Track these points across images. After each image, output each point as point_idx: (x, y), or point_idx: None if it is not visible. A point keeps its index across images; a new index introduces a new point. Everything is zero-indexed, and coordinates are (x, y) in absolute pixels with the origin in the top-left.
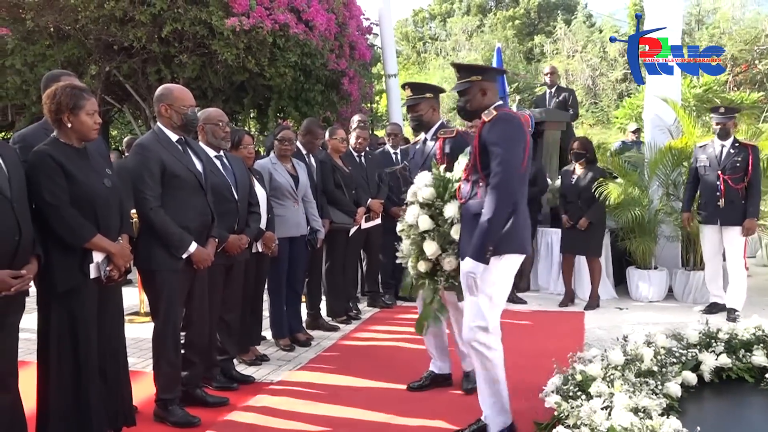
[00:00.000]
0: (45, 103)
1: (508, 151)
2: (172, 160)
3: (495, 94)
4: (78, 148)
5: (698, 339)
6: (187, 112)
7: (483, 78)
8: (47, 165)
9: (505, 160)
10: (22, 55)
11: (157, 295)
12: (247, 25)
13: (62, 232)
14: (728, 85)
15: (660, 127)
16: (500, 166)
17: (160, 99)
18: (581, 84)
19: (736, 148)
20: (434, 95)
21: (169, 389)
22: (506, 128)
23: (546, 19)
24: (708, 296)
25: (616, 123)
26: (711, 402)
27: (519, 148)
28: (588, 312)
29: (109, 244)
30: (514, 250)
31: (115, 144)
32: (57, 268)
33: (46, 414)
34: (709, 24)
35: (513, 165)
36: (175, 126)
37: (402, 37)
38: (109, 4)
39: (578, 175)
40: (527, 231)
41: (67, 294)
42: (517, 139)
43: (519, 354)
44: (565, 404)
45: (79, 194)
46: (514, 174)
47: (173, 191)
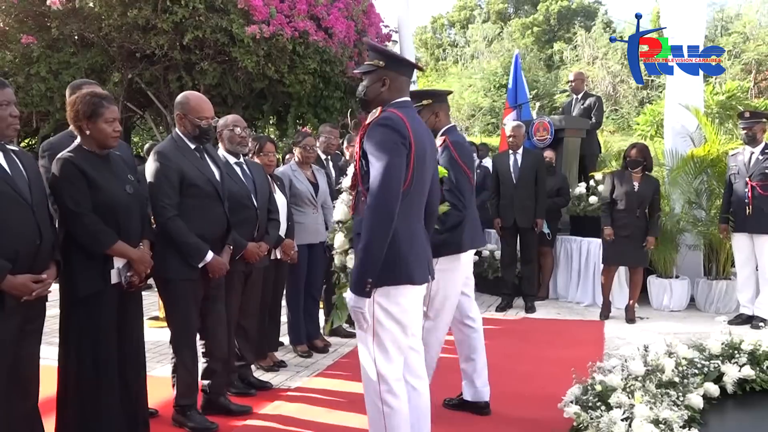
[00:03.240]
0: (67, 110)
1: (382, 162)
2: (191, 168)
3: (398, 90)
4: (100, 155)
5: (721, 350)
6: (201, 124)
7: (386, 66)
8: (70, 172)
9: (378, 175)
10: (46, 62)
11: (172, 303)
12: (267, 33)
13: (84, 239)
14: (752, 92)
15: (681, 135)
16: (374, 182)
17: (177, 107)
18: (602, 91)
19: (766, 155)
20: (434, 100)
21: (187, 395)
22: (383, 134)
23: (566, 26)
24: (731, 305)
25: (637, 130)
26: (733, 414)
27: (397, 158)
28: (608, 321)
29: (129, 250)
30: (398, 281)
31: (136, 150)
32: (78, 273)
33: (66, 419)
34: (733, 30)
35: (388, 181)
36: (189, 136)
37: (421, 44)
38: (132, 13)
39: (638, 184)
40: (423, 255)
41: (88, 300)
42: (394, 149)
43: (538, 363)
44: (585, 415)
45: (101, 201)
46: (391, 192)
47: (190, 200)
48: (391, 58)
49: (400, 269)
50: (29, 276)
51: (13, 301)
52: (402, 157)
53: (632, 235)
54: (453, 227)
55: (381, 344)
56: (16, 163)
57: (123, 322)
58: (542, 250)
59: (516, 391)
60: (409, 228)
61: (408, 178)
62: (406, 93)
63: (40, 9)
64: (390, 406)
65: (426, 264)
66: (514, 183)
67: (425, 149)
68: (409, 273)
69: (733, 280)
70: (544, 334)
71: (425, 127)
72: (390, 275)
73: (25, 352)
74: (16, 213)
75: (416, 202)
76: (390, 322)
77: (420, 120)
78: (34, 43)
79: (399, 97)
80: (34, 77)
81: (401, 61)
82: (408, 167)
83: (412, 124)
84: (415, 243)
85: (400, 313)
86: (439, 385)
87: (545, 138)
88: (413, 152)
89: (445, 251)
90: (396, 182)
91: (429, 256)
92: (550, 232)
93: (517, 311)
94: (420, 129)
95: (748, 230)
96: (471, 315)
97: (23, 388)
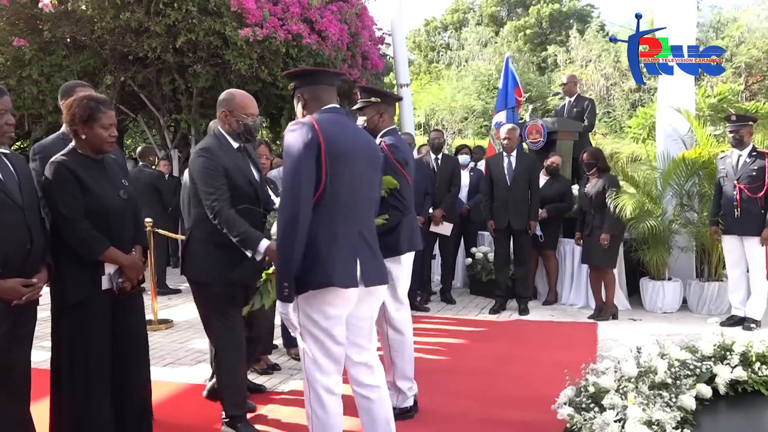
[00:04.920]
0: (64, 113)
1: (288, 166)
2: (234, 168)
3: (316, 99)
4: (95, 159)
5: (713, 351)
6: (247, 120)
7: (296, 84)
8: (63, 176)
9: (285, 179)
10: (39, 65)
11: (207, 308)
12: (260, 36)
13: (75, 245)
14: (743, 95)
15: (673, 138)
16: (282, 185)
17: (221, 104)
18: (595, 94)
19: (753, 157)
20: (383, 101)
21: (237, 405)
22: (290, 139)
23: (558, 29)
24: (723, 307)
25: (629, 132)
26: (726, 415)
27: (301, 163)
28: (601, 323)
29: (121, 256)
30: (317, 284)
31: (128, 153)
32: (69, 279)
33: (58, 425)
34: (725, 34)
35: (292, 185)
36: (233, 133)
37: (414, 46)
38: (124, 15)
39: (590, 185)
40: (349, 258)
41: (79, 306)
42: (297, 154)
43: (531, 365)
44: (578, 416)
45: (94, 206)
46: (297, 196)
47: (231, 201)
48: (298, 76)
49: (318, 272)
50: (19, 280)
51: (2, 305)
52: (306, 160)
53: (592, 235)
54: (390, 229)
55: (310, 352)
56: (6, 165)
57: (123, 327)
58: (546, 253)
59: (509, 392)
60: (332, 230)
61: (323, 179)
62: (328, 101)
63: (32, 11)
64: (317, 415)
65: (354, 267)
66: (508, 185)
67: (346, 150)
68: (328, 274)
69: (724, 282)
70: (538, 336)
71: (354, 128)
72: (311, 279)
73: (16, 356)
74: (6, 216)
75: (344, 203)
76: (315, 329)
77: (348, 124)
78: (26, 46)
79: (319, 106)
80: (26, 80)
81: (318, 73)
82: (321, 169)
83: (327, 126)
84: (339, 245)
85: (323, 321)
86: (428, 388)
87: (538, 141)
88: (324, 153)
89: (384, 254)
90: (297, 185)
91: (367, 260)
92: (553, 235)
93: (511, 313)
94: (342, 131)
95: (736, 232)
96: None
97: (15, 392)
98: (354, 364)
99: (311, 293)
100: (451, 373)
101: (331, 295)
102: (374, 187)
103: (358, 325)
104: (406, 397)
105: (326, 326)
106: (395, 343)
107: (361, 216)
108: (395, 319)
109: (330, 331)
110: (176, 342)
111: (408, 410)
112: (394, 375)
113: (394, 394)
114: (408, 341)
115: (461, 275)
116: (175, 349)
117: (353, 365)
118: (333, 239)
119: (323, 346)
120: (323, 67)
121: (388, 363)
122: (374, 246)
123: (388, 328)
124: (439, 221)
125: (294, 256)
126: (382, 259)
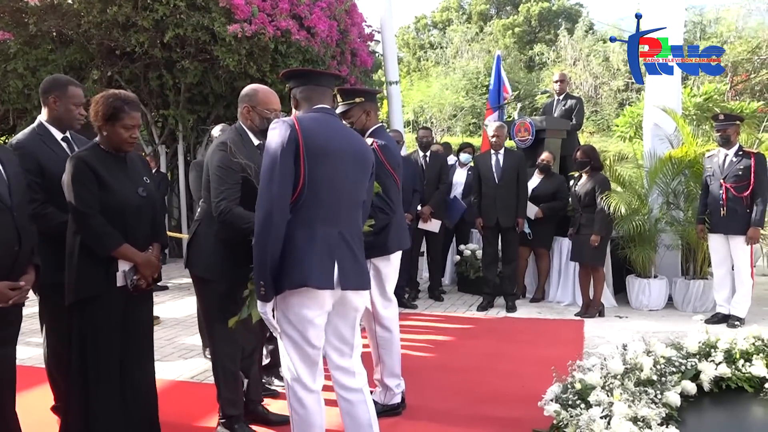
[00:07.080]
0: (90, 107)
1: (265, 164)
2: (253, 167)
3: (307, 100)
4: (116, 156)
5: (698, 348)
6: (270, 116)
7: (291, 85)
8: (81, 171)
9: (261, 176)
10: (24, 59)
11: (210, 305)
12: (249, 32)
13: (89, 240)
14: (728, 95)
15: (660, 137)
16: (259, 183)
17: (243, 99)
18: (583, 93)
19: (739, 156)
20: (366, 99)
21: (235, 405)
22: (269, 137)
23: (547, 28)
24: (708, 305)
25: (617, 131)
26: (710, 412)
27: (278, 161)
28: (588, 320)
29: (134, 253)
30: (292, 284)
31: None
32: (82, 274)
33: (68, 419)
34: (711, 34)
35: (268, 182)
36: (255, 129)
37: (403, 44)
38: (111, 9)
39: (581, 183)
40: (327, 259)
41: (91, 301)
42: (274, 152)
43: (518, 362)
44: (564, 413)
45: (111, 202)
46: (271, 193)
47: (243, 200)
48: (300, 73)
49: (294, 272)
50: (6, 283)
51: None
52: (284, 159)
53: (580, 233)
54: (380, 230)
55: (287, 351)
56: None
57: (132, 326)
58: (539, 252)
59: (496, 389)
60: (310, 229)
61: (301, 177)
62: (319, 102)
63: (17, 5)
64: (297, 413)
65: (331, 268)
66: (496, 183)
67: (327, 148)
68: (304, 275)
69: (709, 280)
70: (525, 334)
71: (341, 128)
72: (286, 279)
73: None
74: None
75: (325, 202)
76: (290, 330)
77: (334, 123)
78: (11, 39)
79: (308, 107)
80: (11, 74)
81: (312, 74)
82: (299, 167)
83: (308, 124)
84: (316, 245)
85: (298, 322)
86: (416, 385)
87: (526, 138)
88: (302, 151)
89: (373, 253)
90: (272, 182)
91: (347, 263)
92: (547, 234)
93: (498, 310)
94: (325, 129)
95: (722, 231)
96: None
97: None
98: (335, 367)
99: (287, 293)
100: (438, 370)
101: (305, 296)
102: (360, 188)
103: (340, 330)
104: (393, 394)
105: (301, 328)
106: (383, 341)
107: (343, 217)
108: (383, 317)
109: (305, 334)
110: (163, 339)
111: (396, 407)
112: (382, 372)
113: (382, 392)
114: (396, 338)
115: (450, 272)
116: (162, 346)
117: (335, 368)
118: (311, 239)
119: (298, 347)
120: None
121: (376, 360)
122: (357, 249)
123: (376, 326)
124: (427, 218)
125: (269, 254)
126: (364, 263)
